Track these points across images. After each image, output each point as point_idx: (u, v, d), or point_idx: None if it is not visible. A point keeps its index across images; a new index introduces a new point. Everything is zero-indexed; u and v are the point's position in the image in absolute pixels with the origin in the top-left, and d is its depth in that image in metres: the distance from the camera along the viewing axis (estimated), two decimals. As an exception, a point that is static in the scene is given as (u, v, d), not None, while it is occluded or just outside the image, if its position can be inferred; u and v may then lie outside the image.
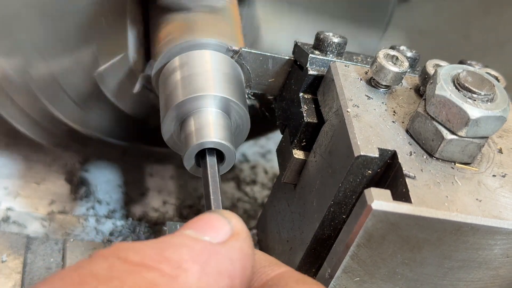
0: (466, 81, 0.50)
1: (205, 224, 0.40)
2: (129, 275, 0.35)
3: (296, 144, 0.58)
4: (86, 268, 0.36)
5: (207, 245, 0.38)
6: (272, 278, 0.44)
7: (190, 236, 0.39)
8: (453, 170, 0.51)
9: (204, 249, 0.38)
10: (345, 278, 0.50)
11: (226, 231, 0.40)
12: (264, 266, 0.45)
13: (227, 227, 0.40)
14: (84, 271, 0.35)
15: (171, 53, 0.61)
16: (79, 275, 0.35)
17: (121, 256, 0.36)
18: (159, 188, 0.84)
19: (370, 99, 0.54)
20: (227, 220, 0.40)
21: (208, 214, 0.41)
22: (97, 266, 0.36)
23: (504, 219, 0.48)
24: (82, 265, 0.36)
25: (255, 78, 0.62)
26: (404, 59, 0.55)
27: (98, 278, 0.35)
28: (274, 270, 0.44)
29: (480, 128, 0.49)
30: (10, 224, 0.72)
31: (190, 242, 0.38)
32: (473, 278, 0.51)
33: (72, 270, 0.36)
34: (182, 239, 0.38)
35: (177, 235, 0.39)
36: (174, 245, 0.37)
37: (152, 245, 0.37)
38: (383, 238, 0.47)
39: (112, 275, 0.35)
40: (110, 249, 0.37)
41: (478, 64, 0.60)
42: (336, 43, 0.58)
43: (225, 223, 0.40)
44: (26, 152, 0.82)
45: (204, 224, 0.40)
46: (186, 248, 0.37)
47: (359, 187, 0.50)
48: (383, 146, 0.50)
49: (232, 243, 0.39)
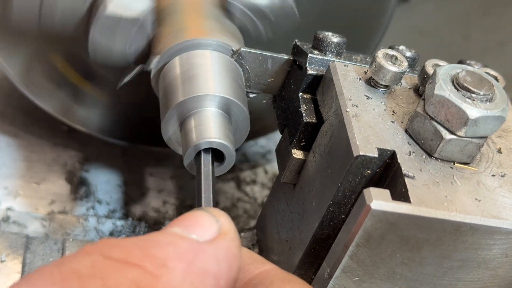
0: (465, 81, 0.50)
1: (192, 222, 0.39)
2: (111, 272, 0.34)
3: (295, 144, 0.58)
4: (67, 265, 0.35)
5: (193, 243, 0.37)
6: (256, 276, 0.43)
7: (176, 234, 0.38)
8: (452, 170, 0.51)
9: (190, 248, 0.37)
10: (344, 278, 0.50)
11: (213, 230, 0.39)
12: (248, 263, 0.44)
13: (214, 225, 0.39)
14: (66, 268, 0.34)
15: (171, 53, 0.61)
16: (60, 272, 0.34)
17: (104, 253, 0.35)
18: (159, 188, 0.84)
19: (369, 99, 0.54)
20: (215, 219, 0.40)
21: (196, 212, 0.40)
22: (79, 263, 0.35)
23: (503, 219, 0.48)
24: (64, 262, 0.35)
25: (254, 77, 0.62)
26: (403, 59, 0.55)
27: (80, 276, 0.34)
28: (258, 268, 0.43)
29: (479, 128, 0.49)
30: (10, 224, 0.72)
31: (176, 240, 0.37)
32: (472, 278, 0.51)
33: (53, 266, 0.35)
34: (168, 236, 0.37)
35: (163, 233, 0.38)
36: (160, 242, 0.37)
37: (137, 242, 0.36)
38: (382, 238, 0.47)
39: (94, 272, 0.34)
40: (94, 245, 0.36)
41: (478, 64, 0.60)
42: (335, 42, 0.58)
43: (213, 222, 0.39)
44: (26, 152, 0.82)
45: (192, 222, 0.39)
46: (171, 246, 0.36)
47: (358, 187, 0.50)
48: (382, 146, 0.50)
49: (219, 243, 0.38)
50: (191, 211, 0.41)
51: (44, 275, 0.34)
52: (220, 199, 0.85)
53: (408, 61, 0.57)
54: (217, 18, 0.65)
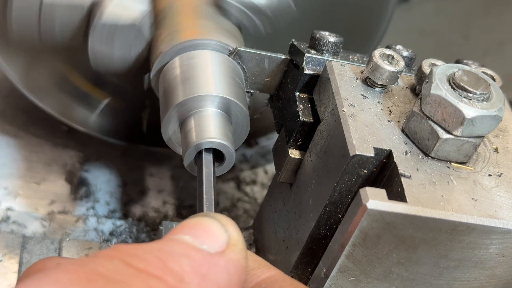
0: (461, 80, 0.50)
1: (202, 231, 0.39)
2: (134, 280, 0.35)
3: (292, 143, 0.58)
4: (91, 265, 0.35)
5: (207, 255, 0.38)
6: (264, 280, 0.44)
7: (189, 245, 0.38)
8: (448, 169, 0.51)
9: (203, 260, 0.38)
10: (340, 278, 0.50)
11: (223, 240, 0.39)
12: (254, 267, 0.45)
13: (224, 235, 0.40)
14: (89, 268, 0.35)
15: (171, 53, 0.61)
16: (85, 271, 0.35)
17: (125, 260, 0.36)
18: (159, 188, 0.84)
19: (366, 99, 0.54)
20: (224, 228, 0.40)
21: (204, 220, 0.40)
22: (103, 266, 0.35)
23: (499, 219, 0.48)
24: (87, 263, 0.35)
25: (251, 77, 0.62)
26: (400, 58, 0.55)
27: (105, 278, 0.34)
28: (264, 272, 0.44)
29: (475, 128, 0.49)
30: (10, 224, 0.72)
31: (190, 252, 0.38)
32: (469, 278, 0.51)
33: (77, 266, 0.35)
34: (182, 247, 0.38)
35: (176, 242, 0.38)
36: (176, 254, 0.37)
37: (154, 252, 0.37)
38: (378, 238, 0.47)
39: (118, 277, 0.35)
40: (113, 251, 0.37)
41: (475, 63, 0.60)
42: (332, 42, 0.58)
43: (222, 232, 0.40)
44: (26, 152, 0.82)
45: (202, 231, 0.39)
46: (187, 259, 0.37)
47: (355, 187, 0.50)
48: (378, 146, 0.50)
49: (230, 255, 0.39)
50: (199, 217, 0.41)
51: (69, 273, 0.34)
52: (220, 199, 0.85)
53: (405, 60, 0.57)
54: (214, 18, 0.65)
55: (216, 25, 0.64)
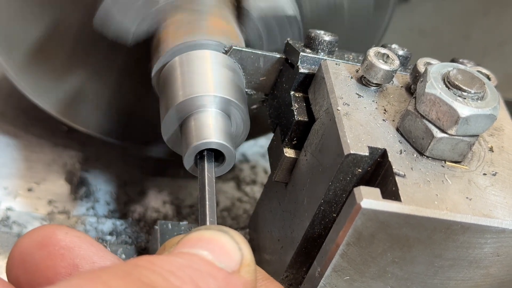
0: (456, 79, 0.50)
1: (220, 249, 0.40)
2: None
3: (287, 142, 0.58)
4: (136, 275, 0.35)
5: (227, 275, 0.39)
6: None
7: (212, 264, 0.39)
8: (443, 168, 0.50)
9: (224, 281, 0.38)
10: (335, 277, 0.50)
11: (238, 260, 0.40)
12: (259, 278, 0.45)
13: (238, 254, 0.40)
14: (136, 278, 0.35)
15: (171, 53, 0.61)
16: (133, 280, 0.35)
17: (164, 276, 0.36)
18: (159, 188, 0.84)
19: (360, 97, 0.54)
20: (238, 246, 0.40)
21: (220, 236, 0.40)
22: (146, 277, 0.35)
23: (494, 218, 0.48)
24: (131, 271, 0.35)
25: (246, 76, 0.62)
26: (395, 57, 0.55)
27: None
28: (268, 286, 0.45)
29: (470, 127, 0.49)
30: (10, 224, 0.73)
31: (214, 272, 0.38)
32: (464, 277, 0.51)
33: (123, 272, 0.35)
34: (208, 267, 0.38)
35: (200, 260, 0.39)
36: (203, 274, 0.38)
37: (186, 270, 0.37)
38: (372, 237, 0.47)
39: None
40: (148, 263, 0.37)
41: (470, 62, 0.60)
42: (327, 41, 0.58)
43: (237, 250, 0.40)
44: (26, 152, 0.83)
45: (219, 248, 0.40)
46: (213, 279, 0.38)
47: (349, 186, 0.50)
48: (373, 145, 0.49)
49: (245, 276, 0.39)
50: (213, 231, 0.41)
51: (119, 279, 0.35)
52: (220, 199, 0.85)
53: (400, 59, 0.57)
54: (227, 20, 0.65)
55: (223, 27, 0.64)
